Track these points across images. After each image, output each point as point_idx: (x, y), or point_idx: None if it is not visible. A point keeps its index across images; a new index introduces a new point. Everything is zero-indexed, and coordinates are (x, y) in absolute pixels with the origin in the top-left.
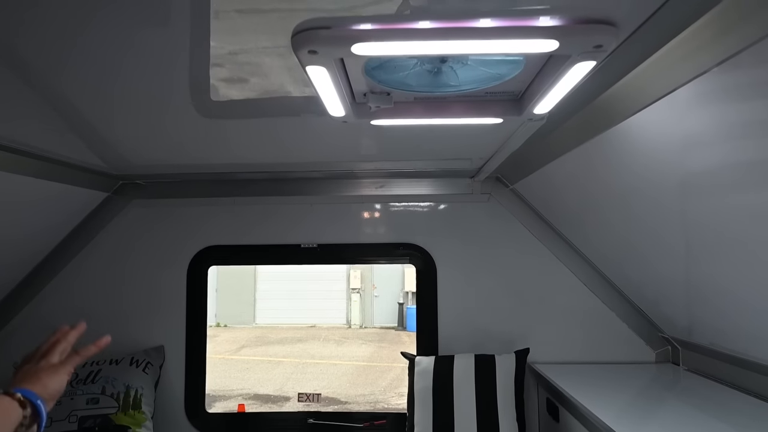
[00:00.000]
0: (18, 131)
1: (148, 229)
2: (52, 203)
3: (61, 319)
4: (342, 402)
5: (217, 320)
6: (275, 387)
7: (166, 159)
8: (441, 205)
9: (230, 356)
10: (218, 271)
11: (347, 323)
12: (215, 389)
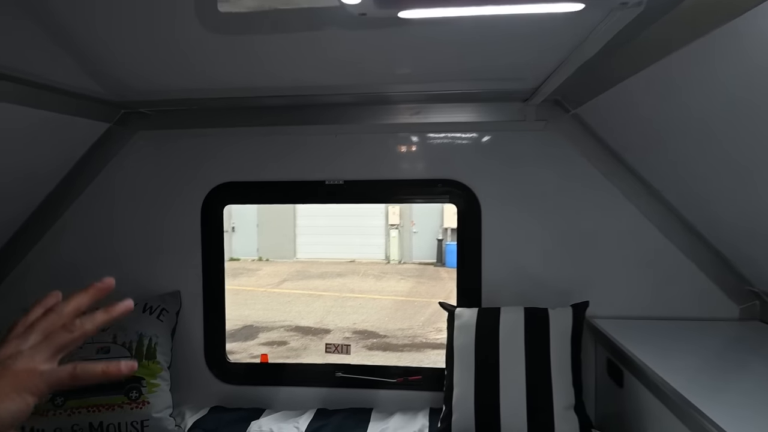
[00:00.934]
0: (3, 54)
1: (156, 164)
2: (48, 136)
3: (68, 263)
4: (380, 336)
5: (259, 254)
6: (316, 320)
7: (171, 83)
8: (487, 134)
9: (272, 289)
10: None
11: (386, 258)
12: (258, 321)
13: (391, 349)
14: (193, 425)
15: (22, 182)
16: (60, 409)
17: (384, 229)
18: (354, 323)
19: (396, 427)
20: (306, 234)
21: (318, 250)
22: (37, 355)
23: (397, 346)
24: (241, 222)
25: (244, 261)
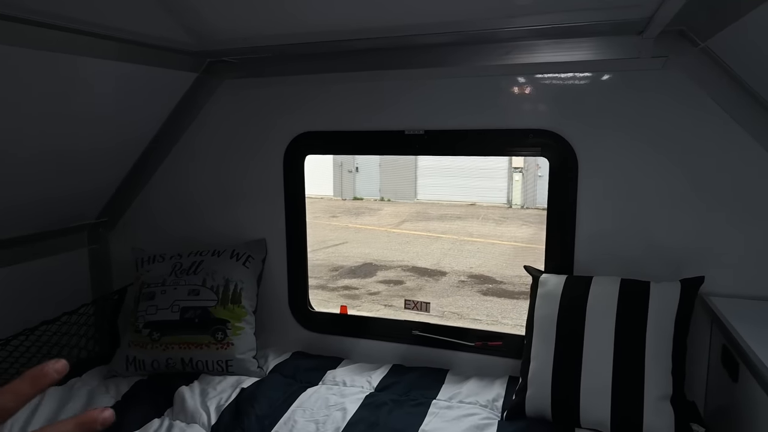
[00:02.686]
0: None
1: (241, 112)
2: (141, 87)
3: (168, 208)
4: (497, 281)
5: (381, 194)
6: (432, 261)
7: (254, 29)
8: (591, 76)
9: (392, 229)
10: None
11: (508, 203)
12: (378, 259)
13: (506, 296)
14: (274, 368)
15: (125, 131)
16: (156, 344)
17: (507, 172)
18: (470, 267)
19: (469, 392)
20: (427, 175)
21: (438, 192)
22: None
23: (513, 293)
24: (365, 162)
25: (367, 201)
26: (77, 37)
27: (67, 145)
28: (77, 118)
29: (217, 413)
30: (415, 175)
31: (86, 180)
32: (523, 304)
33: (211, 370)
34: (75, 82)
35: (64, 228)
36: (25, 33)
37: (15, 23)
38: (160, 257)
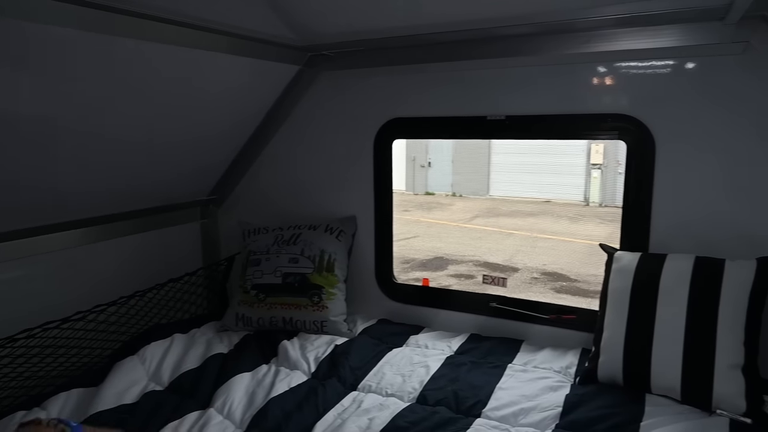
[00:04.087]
0: (214, 9)
1: (337, 101)
2: (251, 79)
3: (270, 187)
4: (571, 279)
5: (453, 189)
6: (504, 257)
7: (351, 26)
8: (670, 63)
9: (464, 224)
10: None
11: (584, 200)
12: (449, 253)
13: (581, 294)
14: (362, 331)
15: (234, 119)
16: (262, 303)
17: (584, 168)
18: (543, 264)
19: (544, 359)
20: (500, 171)
21: (511, 188)
22: None
23: (588, 291)
24: (437, 157)
25: (438, 195)
26: (196, 33)
27: (185, 133)
28: (195, 107)
29: (315, 363)
30: (488, 171)
31: (200, 163)
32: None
33: (308, 329)
34: (194, 74)
35: (182, 203)
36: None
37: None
38: (264, 229)
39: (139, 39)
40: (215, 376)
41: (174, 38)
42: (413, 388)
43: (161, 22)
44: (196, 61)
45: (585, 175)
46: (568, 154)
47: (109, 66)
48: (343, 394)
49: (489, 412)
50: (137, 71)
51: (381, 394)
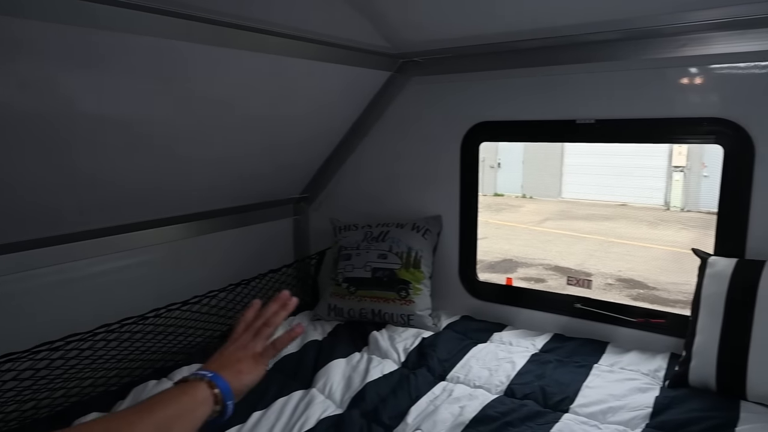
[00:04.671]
0: (314, 21)
1: (426, 105)
2: (344, 85)
3: (359, 187)
4: (649, 287)
5: (523, 191)
6: (576, 262)
7: (442, 34)
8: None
9: (533, 227)
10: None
11: (665, 204)
12: (518, 256)
13: (659, 303)
14: (446, 326)
15: (326, 123)
16: (353, 296)
17: (665, 171)
18: (619, 270)
19: (631, 362)
20: (573, 173)
21: (585, 191)
22: (258, 344)
23: (667, 300)
24: (507, 158)
25: (508, 197)
26: (296, 43)
27: (282, 136)
28: (291, 112)
29: (404, 354)
30: (561, 172)
31: (293, 164)
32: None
33: (395, 322)
34: (292, 81)
35: (276, 201)
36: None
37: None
38: (353, 226)
39: (244, 49)
40: (314, 361)
41: (276, 48)
42: (500, 381)
43: (264, 33)
44: (294, 69)
45: (666, 178)
46: (648, 155)
47: (216, 73)
48: (432, 383)
49: (577, 408)
50: (241, 79)
51: (469, 385)
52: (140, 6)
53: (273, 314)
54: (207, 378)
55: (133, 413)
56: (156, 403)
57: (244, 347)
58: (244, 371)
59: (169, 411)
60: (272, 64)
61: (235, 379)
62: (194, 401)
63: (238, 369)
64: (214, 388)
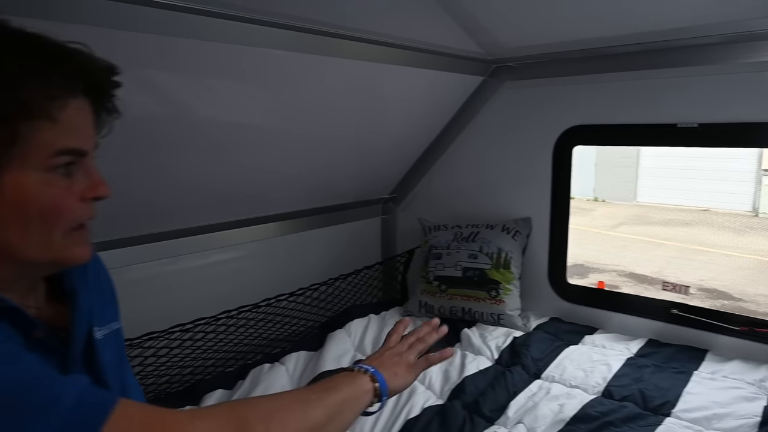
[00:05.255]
0: (409, 29)
1: (519, 109)
2: (436, 90)
3: (447, 189)
4: (734, 298)
5: (595, 194)
6: (654, 269)
7: (537, 39)
8: None
9: (606, 231)
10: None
11: (753, 211)
12: (590, 261)
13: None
14: (536, 327)
15: (417, 126)
16: (443, 294)
17: (754, 175)
18: (700, 279)
19: (734, 370)
20: (650, 176)
21: (663, 194)
22: (411, 356)
23: (756, 313)
24: (579, 160)
25: (579, 200)
26: (391, 50)
27: (374, 140)
28: (384, 117)
29: (497, 351)
30: (636, 175)
31: (384, 165)
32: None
33: (485, 320)
34: (386, 87)
35: (366, 200)
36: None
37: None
38: (443, 227)
39: (339, 57)
40: None
41: (370, 56)
42: (596, 382)
43: (358, 41)
44: (386, 75)
45: (754, 183)
46: (734, 158)
47: (312, 80)
48: (528, 381)
49: (679, 413)
50: (335, 85)
51: (565, 384)
52: (248, 19)
53: (426, 334)
54: (370, 372)
55: (306, 392)
56: (329, 387)
57: (399, 354)
58: (399, 374)
59: (340, 395)
60: (365, 71)
61: (391, 379)
62: (361, 390)
63: (394, 371)
64: (375, 382)
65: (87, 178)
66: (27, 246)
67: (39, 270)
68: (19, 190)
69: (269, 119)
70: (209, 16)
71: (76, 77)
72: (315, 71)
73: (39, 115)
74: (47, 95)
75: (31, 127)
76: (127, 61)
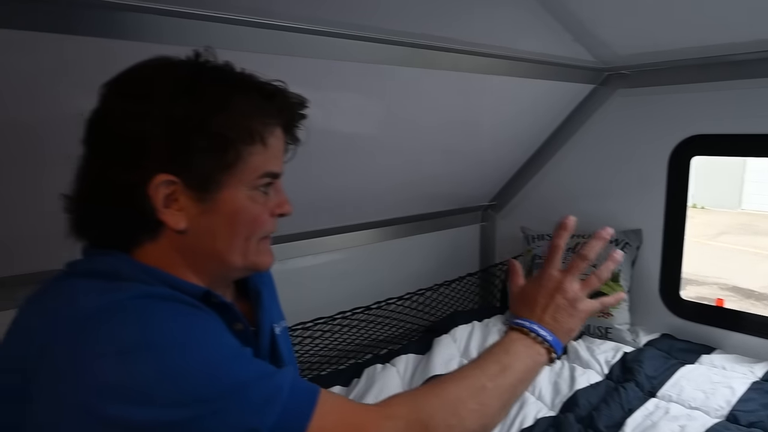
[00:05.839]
0: (520, 40)
1: (631, 117)
2: (544, 99)
3: (550, 198)
4: None
5: (693, 201)
6: (762, 283)
7: (653, 46)
8: None
9: (706, 241)
10: None
11: None
12: (688, 272)
13: None
14: (647, 343)
15: (521, 135)
16: None
17: None
18: None
19: None
20: (759, 181)
21: None
22: (575, 282)
23: None
24: None
25: None
26: (491, 61)
27: (477, 148)
28: (489, 126)
29: (607, 366)
30: (742, 180)
31: (485, 173)
32: None
33: (592, 333)
34: (484, 97)
35: (466, 208)
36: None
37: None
38: (547, 236)
39: (444, 69)
40: None
41: (475, 67)
42: (719, 405)
43: (464, 54)
44: (492, 86)
45: None
46: None
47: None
48: (644, 399)
49: None
50: (440, 96)
51: (684, 405)
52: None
53: (589, 248)
54: (548, 342)
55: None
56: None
57: (572, 303)
58: (573, 329)
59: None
60: (469, 82)
61: (565, 338)
62: (537, 365)
63: (569, 328)
64: (552, 353)
65: (277, 197)
66: (232, 253)
67: (234, 274)
68: (232, 204)
69: (378, 129)
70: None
71: (282, 110)
72: (421, 83)
73: (256, 141)
74: (263, 124)
75: (249, 151)
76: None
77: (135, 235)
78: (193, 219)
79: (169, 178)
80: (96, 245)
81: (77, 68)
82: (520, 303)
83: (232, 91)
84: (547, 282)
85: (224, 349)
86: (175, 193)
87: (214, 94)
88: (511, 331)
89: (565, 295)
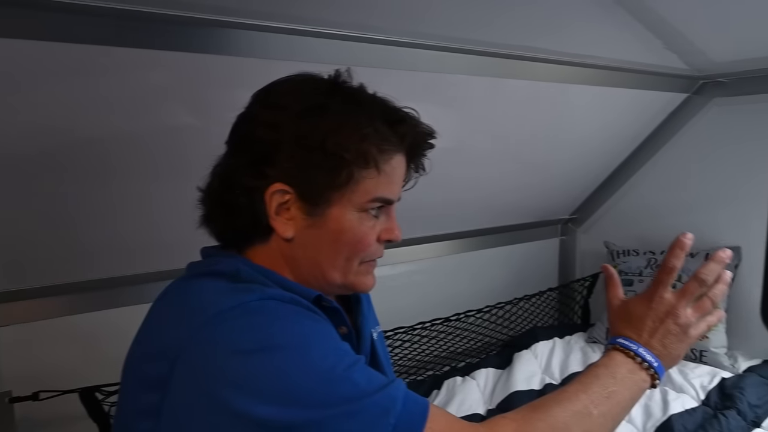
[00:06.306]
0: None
1: (729, 127)
2: (632, 109)
3: (636, 212)
4: None
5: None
6: None
7: (753, 52)
8: None
9: None
10: None
11: None
12: None
13: None
14: (748, 368)
15: (605, 146)
16: None
17: None
18: None
19: None
20: None
21: None
22: (688, 310)
23: None
24: None
25: None
26: (576, 70)
27: (561, 160)
28: (565, 138)
29: (703, 391)
30: None
31: (566, 186)
32: None
33: (685, 356)
34: (567, 108)
35: (545, 221)
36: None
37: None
38: (633, 252)
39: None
40: None
41: (560, 77)
42: None
43: (549, 63)
44: (577, 95)
45: None
46: None
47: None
48: (746, 429)
49: None
50: (523, 107)
51: None
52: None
53: (708, 270)
54: (653, 368)
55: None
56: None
57: (684, 329)
58: (680, 356)
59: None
60: (553, 92)
61: (670, 365)
62: (640, 391)
63: (677, 355)
64: (656, 379)
65: (387, 222)
66: (332, 269)
67: (333, 290)
68: (339, 222)
69: (461, 141)
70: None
71: (404, 137)
72: (505, 94)
73: (371, 165)
74: (380, 150)
75: (363, 174)
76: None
77: (249, 235)
78: (301, 230)
79: (285, 188)
80: (216, 239)
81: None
82: (623, 321)
83: (357, 115)
84: (658, 305)
85: (344, 356)
86: (288, 202)
87: (338, 115)
88: (615, 351)
89: (677, 320)
